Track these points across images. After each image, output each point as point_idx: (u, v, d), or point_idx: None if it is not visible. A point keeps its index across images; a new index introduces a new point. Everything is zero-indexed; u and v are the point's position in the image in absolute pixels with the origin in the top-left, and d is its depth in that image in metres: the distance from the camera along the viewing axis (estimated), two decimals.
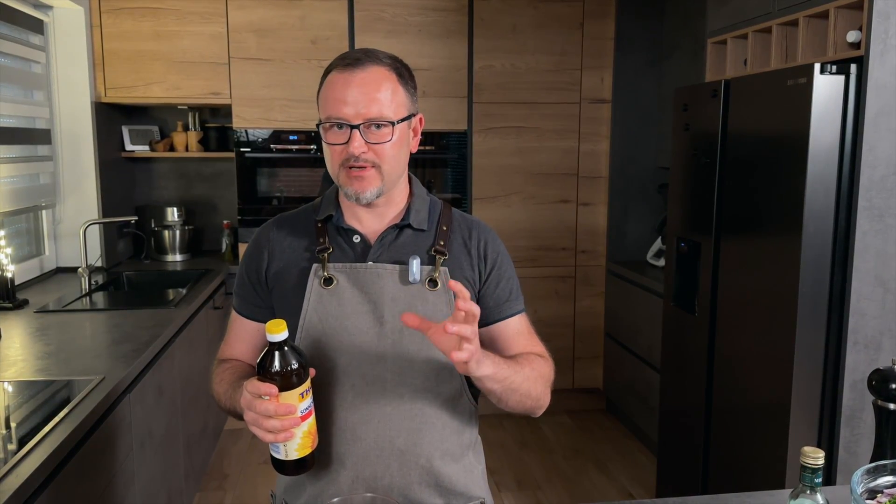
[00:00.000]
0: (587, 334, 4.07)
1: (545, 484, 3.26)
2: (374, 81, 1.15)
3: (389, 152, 1.17)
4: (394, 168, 1.20)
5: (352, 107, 1.14)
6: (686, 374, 2.74)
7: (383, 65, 1.17)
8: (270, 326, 1.04)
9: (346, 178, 1.18)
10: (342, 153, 1.17)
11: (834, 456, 2.13)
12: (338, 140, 1.16)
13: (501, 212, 3.89)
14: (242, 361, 1.32)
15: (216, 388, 1.27)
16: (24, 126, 3.05)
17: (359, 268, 1.22)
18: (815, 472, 0.97)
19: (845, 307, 2.10)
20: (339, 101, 1.14)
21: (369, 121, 1.14)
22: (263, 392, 1.03)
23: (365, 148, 1.15)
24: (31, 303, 2.68)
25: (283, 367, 1.04)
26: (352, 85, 1.14)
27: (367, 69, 1.15)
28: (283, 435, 1.05)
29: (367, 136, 1.15)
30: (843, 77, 2.04)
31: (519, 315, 1.29)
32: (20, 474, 1.31)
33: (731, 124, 2.44)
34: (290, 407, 1.04)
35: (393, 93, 1.17)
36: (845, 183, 2.08)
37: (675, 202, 2.84)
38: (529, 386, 1.19)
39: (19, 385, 1.81)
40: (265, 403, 1.03)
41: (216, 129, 3.93)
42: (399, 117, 1.18)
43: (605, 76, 3.90)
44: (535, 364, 1.22)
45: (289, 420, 1.04)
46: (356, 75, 1.15)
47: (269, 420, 1.03)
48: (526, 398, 1.19)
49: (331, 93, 1.16)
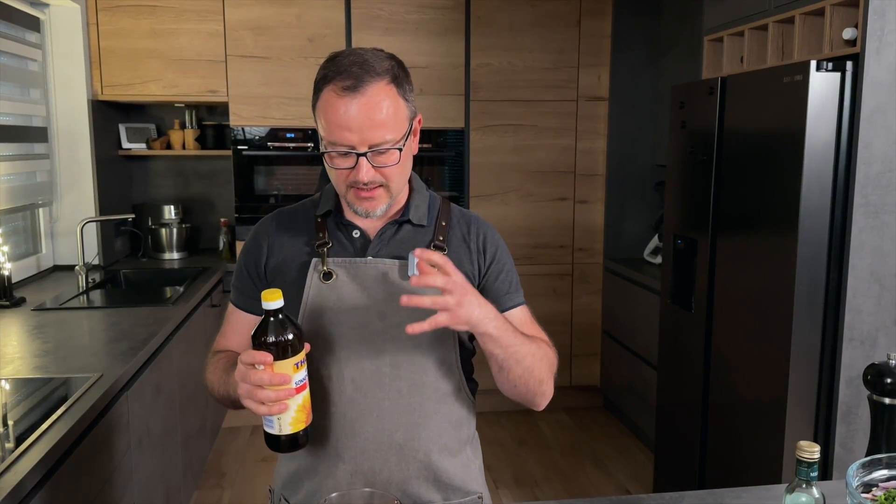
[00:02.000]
0: (584, 332, 4.07)
1: (543, 481, 3.27)
2: (375, 104, 1.11)
3: (396, 170, 1.17)
4: (400, 182, 1.21)
5: (356, 134, 1.12)
6: (683, 371, 2.75)
7: (381, 78, 1.13)
8: (266, 295, 1.04)
9: (355, 198, 1.18)
10: (349, 176, 1.16)
11: (830, 452, 2.14)
12: (344, 165, 1.15)
13: (499, 209, 3.90)
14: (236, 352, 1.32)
15: (210, 376, 1.27)
16: (20, 124, 3.05)
17: (358, 262, 1.23)
18: (811, 467, 0.98)
19: (841, 304, 2.10)
20: (342, 128, 1.12)
21: (374, 147, 1.13)
22: (258, 361, 1.02)
23: (373, 173, 1.15)
24: (29, 301, 2.67)
25: (278, 336, 1.04)
26: (355, 112, 1.11)
27: (367, 91, 1.11)
28: (277, 407, 1.04)
29: (373, 161, 1.14)
30: (839, 74, 2.04)
31: (520, 307, 1.29)
32: (18, 471, 1.31)
33: (728, 121, 2.45)
34: (285, 377, 1.03)
35: (395, 110, 1.14)
36: (841, 180, 2.08)
37: (671, 199, 2.85)
38: (534, 362, 1.18)
39: (17, 382, 1.81)
40: (259, 373, 1.03)
41: (213, 126, 3.93)
42: (403, 134, 1.16)
43: (602, 74, 3.90)
44: (542, 346, 1.22)
45: (283, 390, 1.03)
46: (356, 100, 1.11)
47: (263, 390, 1.03)
48: (529, 375, 1.18)
49: (332, 118, 1.13)
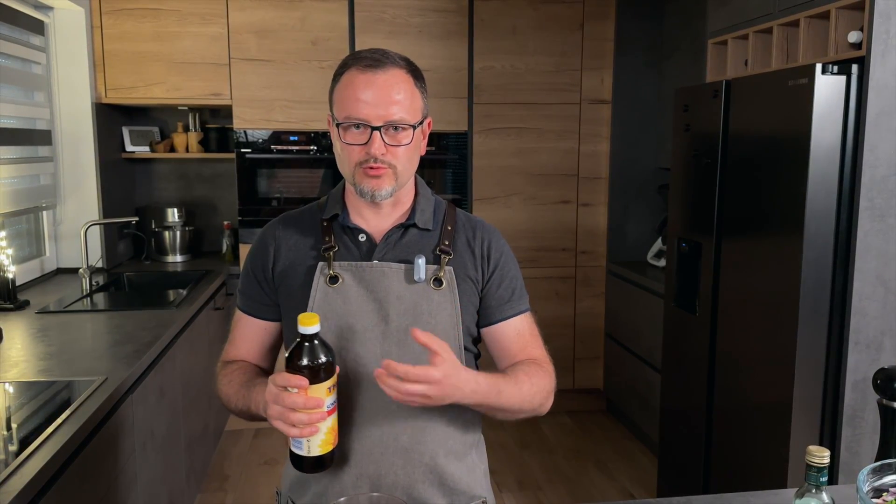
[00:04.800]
0: (587, 335, 4.07)
1: (546, 485, 3.26)
2: (394, 84, 1.16)
3: (406, 154, 1.19)
4: (407, 169, 1.22)
5: (373, 108, 1.14)
6: (687, 374, 2.74)
7: (401, 67, 1.18)
8: (303, 319, 1.05)
9: (362, 177, 1.19)
10: (360, 153, 1.17)
11: (836, 455, 2.14)
12: (357, 140, 1.17)
13: (502, 212, 3.90)
14: (248, 362, 1.32)
15: (224, 389, 1.26)
16: (24, 127, 3.05)
17: (364, 266, 1.23)
18: (821, 472, 0.97)
19: (847, 307, 2.10)
20: (360, 101, 1.15)
21: (390, 123, 1.15)
22: (293, 384, 1.03)
23: (384, 149, 1.16)
24: (32, 304, 2.67)
25: (313, 360, 1.04)
26: (373, 86, 1.15)
27: (388, 71, 1.16)
28: (309, 430, 1.05)
29: (386, 136, 1.16)
30: (845, 77, 2.04)
31: (521, 316, 1.29)
32: (24, 475, 1.30)
33: (732, 125, 2.44)
34: (318, 401, 1.04)
35: (411, 95, 1.18)
36: (847, 183, 2.08)
37: (675, 203, 2.84)
38: (522, 402, 1.20)
39: (21, 386, 1.81)
40: (293, 396, 1.03)
41: (216, 129, 3.93)
42: (416, 120, 1.19)
43: (605, 77, 3.90)
44: (532, 379, 1.22)
45: (316, 414, 1.04)
46: (377, 76, 1.15)
47: (296, 413, 1.04)
48: (519, 411, 1.21)
49: (351, 92, 1.16)
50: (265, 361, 1.36)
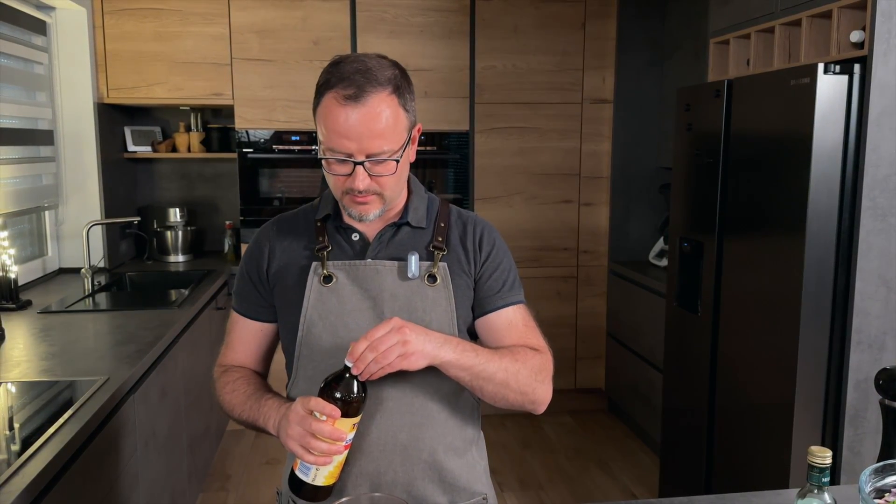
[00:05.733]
0: (589, 334, 4.07)
1: (548, 484, 3.26)
2: (376, 116, 1.11)
3: (392, 180, 1.18)
4: (395, 190, 1.21)
5: (355, 142, 1.12)
6: (689, 374, 2.74)
7: (383, 89, 1.12)
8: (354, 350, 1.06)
9: (350, 202, 1.19)
10: (345, 183, 1.17)
11: (838, 455, 2.13)
12: (341, 172, 1.16)
13: (503, 212, 3.89)
14: (249, 369, 1.32)
15: (228, 397, 1.26)
16: (26, 127, 3.05)
17: (358, 265, 1.23)
18: (823, 472, 0.97)
19: (849, 307, 2.09)
20: (341, 136, 1.12)
21: (372, 156, 1.14)
22: (327, 412, 1.04)
23: (368, 182, 1.15)
24: (35, 303, 2.68)
25: (349, 395, 1.06)
26: (355, 121, 1.11)
27: (368, 102, 1.11)
28: (324, 459, 1.06)
29: (370, 170, 1.15)
30: (847, 77, 2.04)
31: (514, 307, 1.27)
32: (26, 475, 1.31)
33: (734, 124, 2.44)
34: (342, 434, 1.06)
35: (395, 121, 1.14)
36: (849, 183, 2.07)
37: (677, 202, 2.84)
38: (508, 377, 1.16)
39: (23, 386, 1.81)
40: (320, 424, 1.04)
41: (218, 129, 3.93)
42: (401, 145, 1.16)
43: (606, 76, 3.90)
44: (521, 356, 1.19)
45: (336, 446, 1.06)
46: (358, 110, 1.11)
47: (317, 441, 1.05)
48: (506, 389, 1.17)
49: (332, 125, 1.13)
50: (262, 365, 1.35)
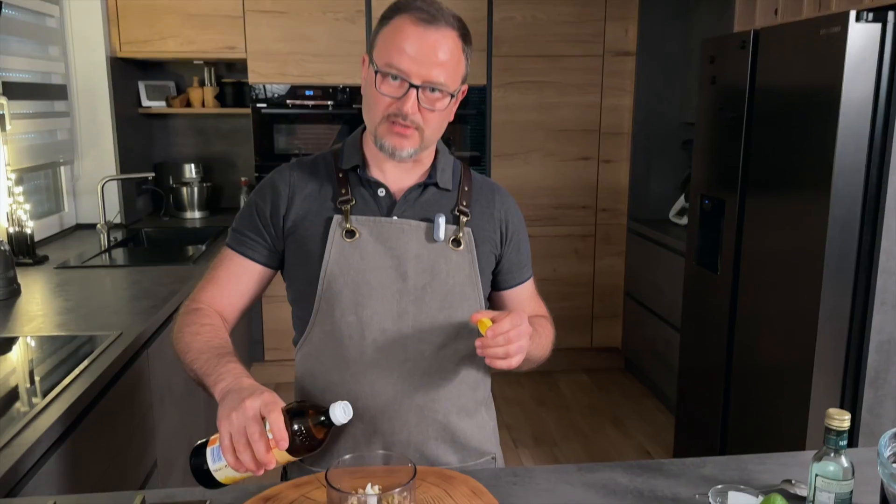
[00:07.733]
0: (606, 293, 4.03)
1: (562, 441, 3.28)
2: (443, 44, 1.11)
3: (436, 119, 1.16)
4: (434, 134, 1.19)
5: (417, 64, 1.10)
6: (707, 333, 2.71)
7: (453, 27, 1.13)
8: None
9: (387, 131, 1.15)
10: (391, 105, 1.13)
11: (857, 417, 2.10)
12: (391, 92, 1.12)
13: (520, 169, 3.83)
14: (221, 325, 1.21)
15: (188, 338, 1.15)
16: (39, 81, 3.03)
17: (383, 222, 1.20)
18: (841, 435, 0.95)
19: (874, 266, 2.04)
20: (405, 53, 1.10)
21: (429, 83, 1.11)
22: (276, 436, 0.93)
23: (417, 109, 1.12)
24: (51, 259, 2.69)
25: (310, 440, 0.98)
26: (422, 41, 1.10)
27: (440, 29, 1.11)
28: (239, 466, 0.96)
29: (422, 98, 1.12)
30: (881, 25, 1.94)
31: (529, 281, 1.35)
32: (38, 427, 1.32)
33: (760, 77, 2.35)
34: (270, 462, 0.96)
35: (457, 60, 1.14)
36: (878, 138, 2.00)
37: (699, 159, 2.77)
38: (538, 353, 1.23)
39: (40, 340, 1.83)
40: (260, 443, 0.93)
41: (232, 84, 3.89)
42: (456, 87, 1.15)
43: (629, 27, 3.78)
44: (541, 327, 1.26)
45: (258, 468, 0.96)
46: (429, 33, 1.10)
47: (247, 451, 0.94)
48: (530, 363, 1.22)
49: (399, 41, 1.11)
50: (239, 311, 1.26)
